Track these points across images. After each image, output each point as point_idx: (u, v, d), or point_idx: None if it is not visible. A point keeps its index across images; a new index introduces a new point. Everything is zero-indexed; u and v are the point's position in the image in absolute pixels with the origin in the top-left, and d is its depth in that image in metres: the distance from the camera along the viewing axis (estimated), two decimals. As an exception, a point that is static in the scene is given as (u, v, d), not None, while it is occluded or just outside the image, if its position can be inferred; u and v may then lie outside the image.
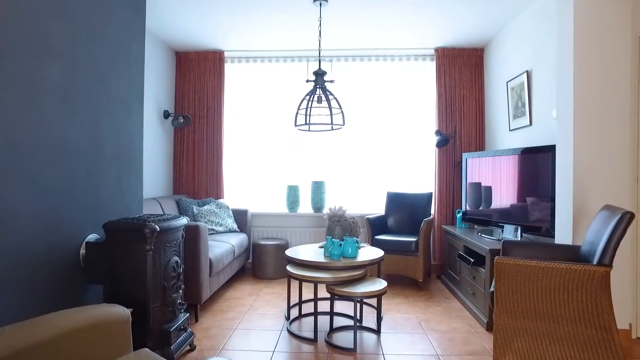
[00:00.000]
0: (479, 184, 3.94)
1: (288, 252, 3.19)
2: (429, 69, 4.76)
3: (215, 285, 3.50)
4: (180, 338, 2.45)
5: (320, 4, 3.42)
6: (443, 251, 4.43)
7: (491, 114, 4.48)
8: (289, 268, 3.04)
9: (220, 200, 4.49)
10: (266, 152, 4.94)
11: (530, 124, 3.58)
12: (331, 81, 3.35)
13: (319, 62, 3.46)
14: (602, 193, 2.78)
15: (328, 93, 3.30)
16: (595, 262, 2.14)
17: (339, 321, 3.16)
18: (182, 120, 4.48)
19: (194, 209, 4.21)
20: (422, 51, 4.72)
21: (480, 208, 3.90)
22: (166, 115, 4.50)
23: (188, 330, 2.55)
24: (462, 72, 4.64)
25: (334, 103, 3.35)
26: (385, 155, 4.87)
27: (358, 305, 3.21)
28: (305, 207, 4.88)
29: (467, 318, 3.27)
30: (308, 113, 3.30)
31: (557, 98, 2.95)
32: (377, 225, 4.39)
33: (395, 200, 4.61)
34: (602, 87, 2.77)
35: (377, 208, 4.82)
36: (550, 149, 3.06)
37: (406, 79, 4.82)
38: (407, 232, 4.45)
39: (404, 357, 2.57)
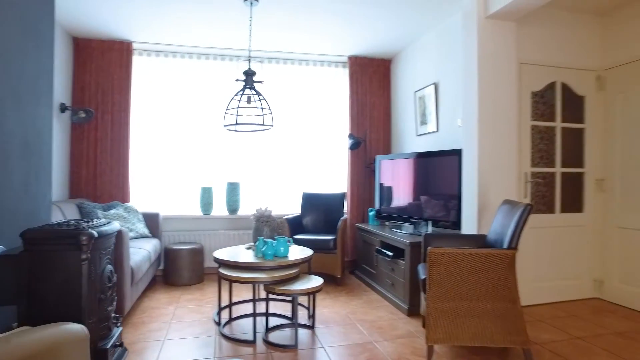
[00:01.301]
0: (391, 184, 4.30)
1: (218, 255, 3.10)
2: (344, 75, 5.03)
3: (135, 295, 3.22)
4: (116, 355, 2.22)
5: (251, 4, 3.39)
6: (356, 248, 4.71)
7: (399, 119, 4.91)
8: (222, 271, 2.95)
9: (128, 204, 4.12)
10: (179, 153, 4.68)
11: (438, 130, 4.04)
12: (261, 82, 3.35)
13: (249, 62, 3.44)
14: (500, 190, 3.28)
15: (258, 94, 3.29)
16: (505, 246, 2.53)
17: (271, 321, 3.17)
18: (83, 115, 4.00)
19: (99, 214, 3.80)
20: (338, 58, 4.97)
21: (393, 206, 4.26)
22: (62, 108, 3.96)
23: (123, 346, 2.32)
24: (372, 80, 5.01)
25: (263, 104, 3.35)
26: (301, 157, 4.99)
27: (296, 302, 3.26)
28: (219, 209, 4.74)
29: (388, 307, 3.55)
30: (237, 113, 3.25)
31: (463, 109, 3.40)
32: (294, 225, 4.49)
33: (311, 201, 4.76)
34: (496, 101, 3.27)
35: (292, 208, 4.92)
36: (457, 153, 3.50)
37: (323, 83, 5.03)
38: (322, 231, 4.63)
39: (342, 348, 2.70)
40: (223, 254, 3.15)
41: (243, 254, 3.17)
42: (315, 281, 2.98)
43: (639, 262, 3.44)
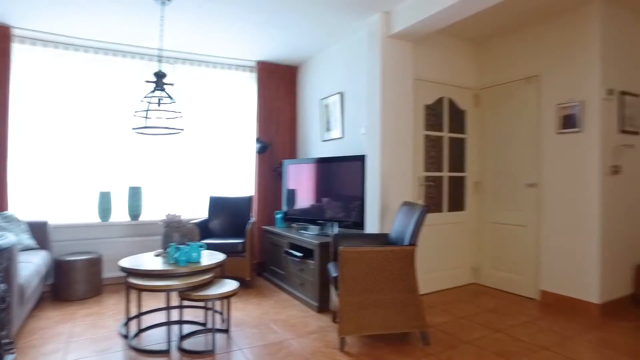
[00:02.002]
0: (298, 187, 4.47)
1: (125, 264, 2.94)
2: (252, 80, 5.07)
3: (22, 315, 2.89)
4: (12, 382, 2.01)
5: (163, 3, 3.27)
6: (264, 250, 4.79)
7: (305, 125, 5.11)
8: (132, 280, 2.82)
9: (8, 212, 3.65)
10: (73, 155, 4.26)
11: (343, 136, 4.32)
12: (171, 84, 3.26)
13: (159, 63, 3.31)
14: (399, 192, 3.65)
15: (169, 96, 3.20)
16: (406, 243, 2.85)
17: (183, 329, 3.11)
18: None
19: (-27, 225, 3.31)
20: (247, 62, 4.99)
21: (300, 208, 4.43)
22: None
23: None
24: (280, 86, 5.13)
25: (174, 106, 3.27)
26: (208, 160, 4.91)
27: (212, 308, 3.23)
28: (119, 215, 4.44)
29: (298, 306, 3.71)
30: (146, 116, 3.12)
31: (368, 118, 3.71)
32: (201, 230, 4.41)
33: (218, 204, 4.72)
34: (396, 113, 3.64)
35: (199, 212, 4.81)
36: (361, 158, 3.80)
37: (232, 87, 5.00)
38: (231, 234, 4.62)
39: (259, 348, 2.77)
40: (131, 262, 3.00)
41: (153, 261, 3.06)
42: (230, 285, 3.00)
43: (505, 251, 4.11)
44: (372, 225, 3.66)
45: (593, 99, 3.43)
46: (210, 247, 4.12)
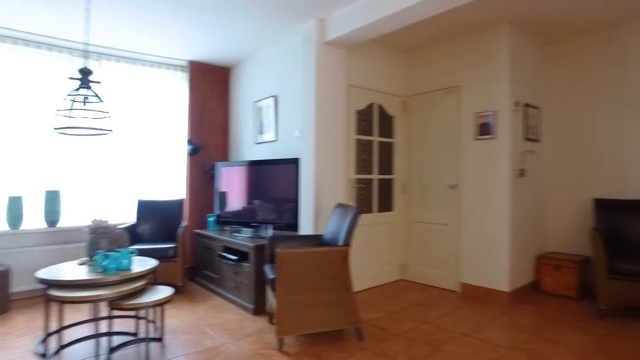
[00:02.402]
0: (232, 190, 4.43)
1: (44, 275, 2.72)
2: (184, 80, 4.91)
3: None
4: None
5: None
6: (196, 254, 4.68)
7: (238, 127, 5.06)
8: (52, 292, 2.62)
9: None
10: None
11: (276, 139, 4.36)
12: (98, 82, 3.07)
13: (85, 58, 3.10)
14: (332, 194, 3.77)
15: (95, 95, 3.02)
16: (341, 243, 2.97)
17: (112, 341, 2.95)
18: None
19: None
20: (178, 62, 4.84)
21: (233, 211, 4.39)
22: None
23: None
24: (212, 87, 5.04)
25: (101, 106, 3.09)
26: (137, 162, 4.66)
27: (145, 317, 3.09)
28: (33, 221, 4.07)
29: (234, 309, 3.68)
30: (70, 115, 2.91)
31: (302, 122, 3.79)
32: (129, 235, 4.18)
33: (147, 208, 4.52)
34: (330, 117, 3.76)
35: (126, 217, 4.56)
36: (295, 161, 3.87)
37: (162, 87, 4.81)
38: (161, 239, 4.45)
39: (195, 354, 2.73)
40: (51, 272, 2.78)
41: (77, 270, 2.86)
42: (165, 291, 2.91)
43: (429, 249, 4.42)
44: (306, 226, 3.75)
45: (504, 109, 3.83)
46: (139, 252, 3.93)
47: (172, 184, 4.90)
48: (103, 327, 3.08)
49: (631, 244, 3.62)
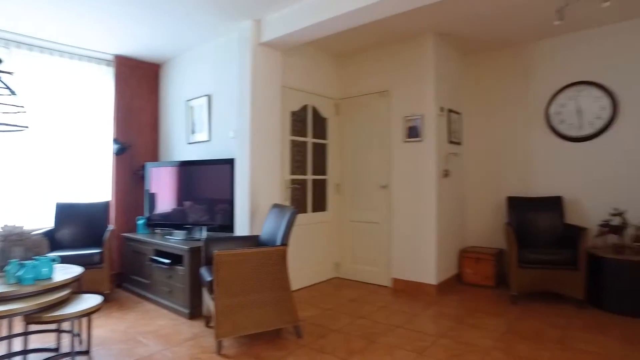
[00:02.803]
0: (163, 191, 4.26)
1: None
2: (109, 74, 4.61)
3: None
4: None
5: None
6: (124, 259, 4.43)
7: (169, 126, 4.87)
8: (-41, 307, 2.35)
9: None
10: None
11: (210, 139, 4.27)
12: (10, 72, 2.81)
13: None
14: (268, 195, 3.79)
15: (7, 87, 2.76)
16: (278, 243, 3.00)
17: (30, 359, 2.72)
18: None
19: None
20: (103, 55, 4.52)
21: (165, 213, 4.23)
22: None
23: None
24: (141, 83, 4.79)
25: (14, 99, 2.84)
26: (55, 162, 4.29)
27: (71, 330, 2.87)
28: None
29: (168, 314, 3.56)
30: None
31: (238, 122, 3.76)
32: (48, 241, 3.87)
33: (68, 212, 4.20)
34: (265, 118, 3.77)
35: (44, 222, 4.19)
36: (230, 162, 3.83)
37: (85, 81, 4.45)
38: (84, 244, 4.15)
39: (128, 365, 2.61)
40: (-44, 286, 2.50)
41: (-14, 282, 2.60)
42: (92, 300, 2.73)
43: (362, 247, 4.60)
44: (242, 227, 3.73)
45: (430, 114, 4.10)
46: (61, 260, 3.64)
47: (96, 186, 4.58)
48: (17, 345, 2.82)
49: (537, 236, 4.05)
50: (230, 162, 3.82)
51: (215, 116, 4.24)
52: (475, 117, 4.78)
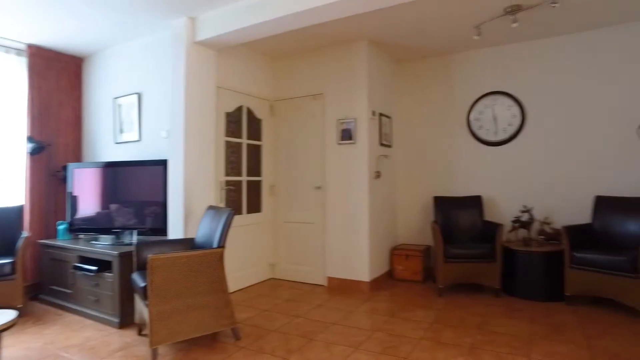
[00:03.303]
0: (89, 194, 3.99)
1: None
2: (21, 65, 4.20)
3: None
4: None
5: None
6: (41, 268, 4.07)
7: (94, 125, 4.56)
8: None
9: None
10: None
11: (140, 139, 4.07)
12: None
13: None
14: (202, 197, 3.71)
15: None
16: (215, 245, 2.97)
17: None
18: None
19: None
20: (13, 43, 4.09)
21: (90, 217, 3.96)
22: None
23: None
24: (61, 77, 4.43)
25: None
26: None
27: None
28: None
29: (95, 325, 3.34)
30: None
31: (171, 122, 3.64)
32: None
33: (-28, 218, 3.77)
34: (200, 118, 3.70)
35: (-59, 230, 3.73)
36: (162, 163, 3.69)
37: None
38: (-8, 253, 3.76)
39: (51, 381, 2.43)
40: None
41: None
42: (3, 316, 2.49)
43: (297, 247, 4.66)
44: (176, 230, 3.61)
45: (362, 117, 4.27)
46: (-38, 272, 3.27)
47: (7, 189, 4.17)
48: None
49: (460, 233, 4.39)
50: (162, 164, 3.68)
51: (146, 115, 4.06)
52: (405, 122, 5.06)
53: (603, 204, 3.84)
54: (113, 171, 3.89)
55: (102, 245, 3.62)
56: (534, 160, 4.33)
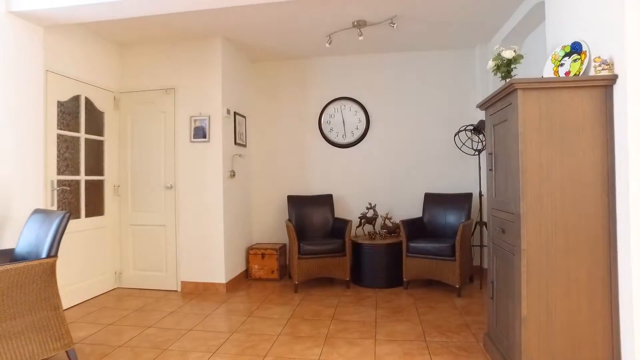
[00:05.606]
0: None
1: None
2: None
3: None
4: None
5: None
6: None
7: None
8: None
9: None
10: None
11: None
12: None
13: None
14: (26, 199, 3.15)
15: None
16: (44, 255, 2.54)
17: None
18: None
19: None
20: None
21: None
22: None
23: None
24: None
25: None
26: None
27: None
28: None
29: None
30: None
31: (-21, 108, 2.97)
32: None
33: None
34: (20, 107, 3.12)
35: None
36: (-33, 158, 2.99)
37: None
38: None
39: None
40: None
41: None
42: None
43: (146, 251, 4.29)
44: (-13, 241, 2.97)
45: (216, 115, 4.15)
46: None
47: None
48: None
49: (313, 230, 4.61)
50: (-34, 159, 2.98)
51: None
52: (260, 121, 5.09)
53: (430, 199, 4.49)
54: None
55: None
56: (377, 162, 4.83)
